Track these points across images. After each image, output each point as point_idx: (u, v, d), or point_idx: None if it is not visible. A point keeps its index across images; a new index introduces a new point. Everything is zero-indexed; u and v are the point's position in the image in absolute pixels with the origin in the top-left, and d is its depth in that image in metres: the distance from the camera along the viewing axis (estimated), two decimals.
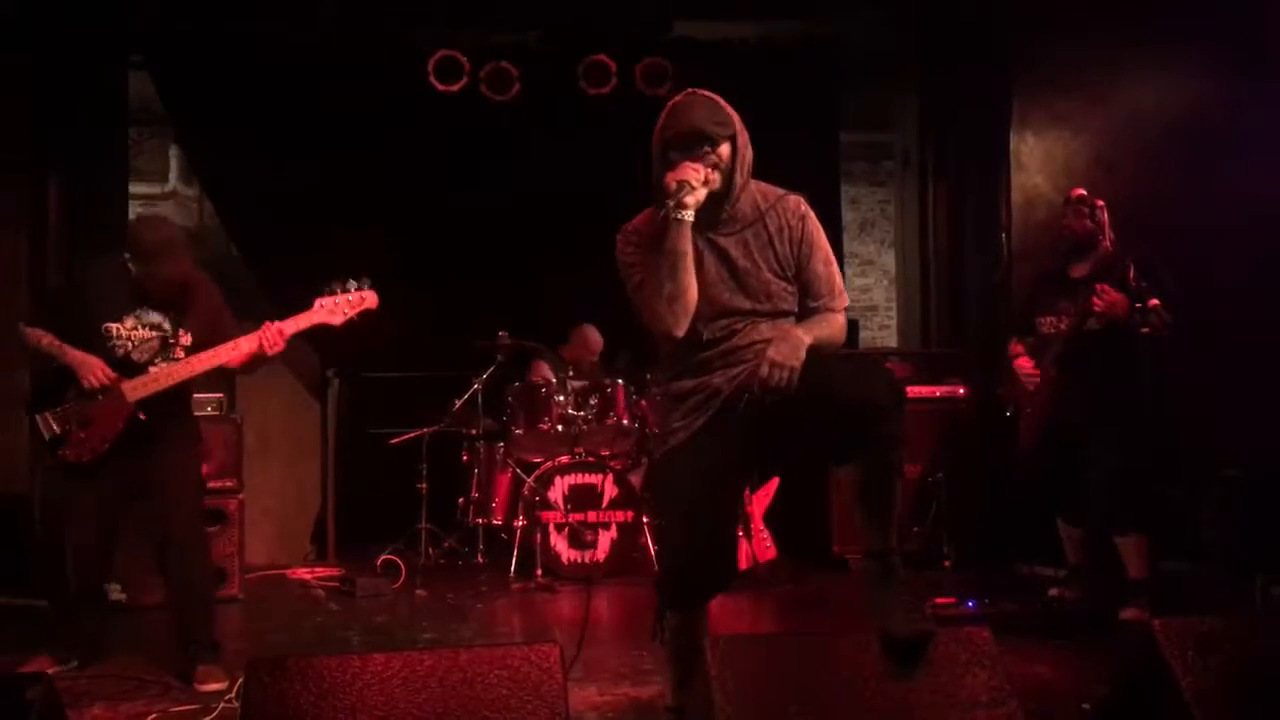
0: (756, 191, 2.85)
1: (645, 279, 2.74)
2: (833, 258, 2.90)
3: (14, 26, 5.71)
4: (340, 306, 3.97)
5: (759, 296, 2.80)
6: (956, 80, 6.74)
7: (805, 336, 2.70)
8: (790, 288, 2.83)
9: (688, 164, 2.68)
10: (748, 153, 2.81)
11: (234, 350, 3.86)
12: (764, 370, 2.63)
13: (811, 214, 2.88)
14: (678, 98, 2.79)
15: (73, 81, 6.04)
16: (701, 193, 2.68)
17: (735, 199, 2.79)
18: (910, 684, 2.56)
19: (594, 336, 6.57)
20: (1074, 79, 6.07)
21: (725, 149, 2.74)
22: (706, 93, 2.79)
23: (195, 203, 7.44)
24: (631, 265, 2.82)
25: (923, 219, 7.26)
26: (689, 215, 2.66)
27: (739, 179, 2.78)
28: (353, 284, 4.00)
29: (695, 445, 2.81)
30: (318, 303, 3.96)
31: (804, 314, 2.86)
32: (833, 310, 2.85)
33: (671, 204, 2.64)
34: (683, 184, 2.65)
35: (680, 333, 2.72)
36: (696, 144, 2.70)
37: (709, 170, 2.71)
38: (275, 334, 3.86)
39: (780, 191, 2.89)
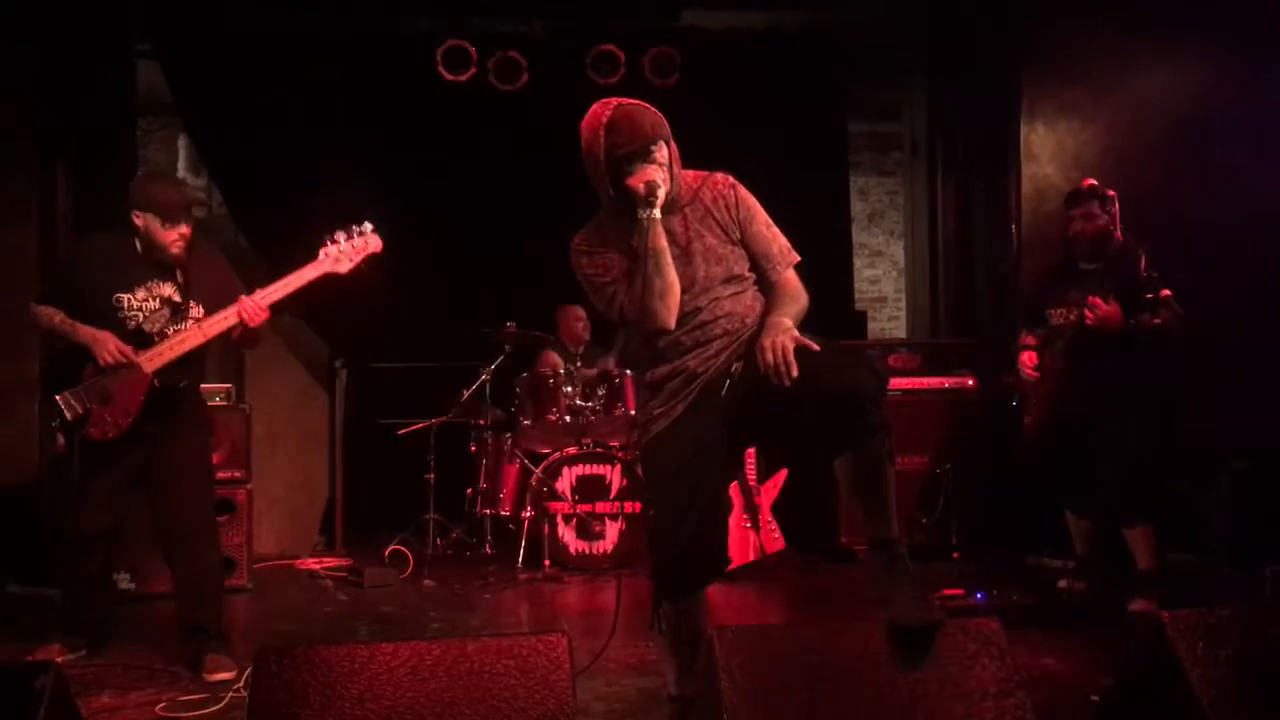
0: (685, 176, 2.99)
1: (620, 284, 2.88)
2: (770, 220, 3.03)
3: (22, 16, 5.71)
4: (346, 254, 3.94)
5: (708, 261, 2.90)
6: (966, 70, 6.71)
7: (784, 319, 2.79)
8: (737, 250, 2.95)
9: (646, 167, 2.82)
10: (674, 148, 2.94)
11: (224, 322, 3.82)
12: (767, 357, 2.64)
13: (740, 184, 3.02)
14: (609, 115, 2.85)
15: (81, 71, 6.04)
16: (664, 190, 2.82)
17: (673, 187, 2.91)
18: (918, 674, 2.56)
19: (577, 311, 6.54)
20: (1084, 69, 6.04)
21: (667, 147, 2.88)
22: (627, 100, 2.90)
23: (204, 192, 7.44)
24: (598, 274, 2.94)
25: (932, 209, 7.25)
26: (659, 212, 2.81)
27: (675, 170, 2.92)
28: (355, 230, 3.97)
29: (677, 432, 2.86)
30: (322, 252, 3.92)
31: (764, 286, 2.97)
32: (788, 272, 2.97)
33: (647, 206, 2.79)
34: (651, 184, 2.79)
35: (673, 324, 2.85)
36: (651, 149, 2.83)
37: (663, 170, 2.85)
38: (253, 306, 3.81)
39: (705, 172, 3.03)
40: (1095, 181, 4.70)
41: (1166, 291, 4.35)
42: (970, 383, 6.13)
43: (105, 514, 3.95)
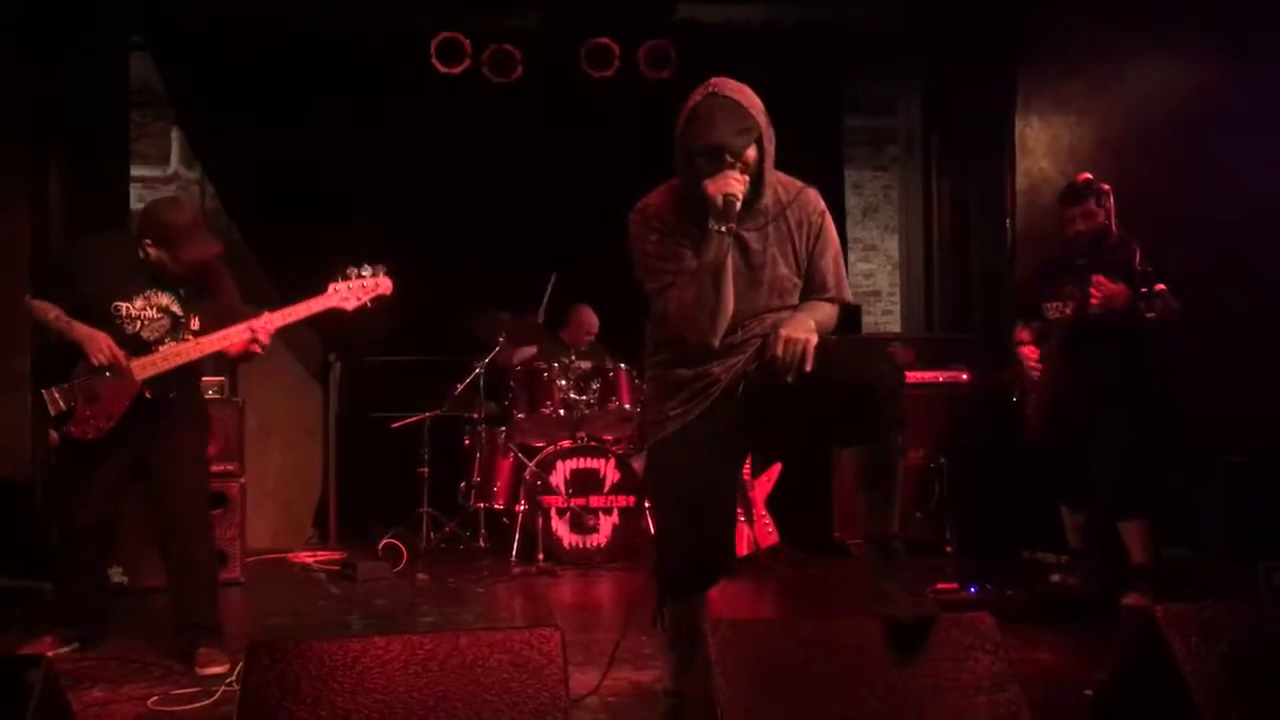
0: (776, 182, 2.80)
1: (678, 283, 2.71)
2: (841, 256, 2.91)
3: (15, 8, 5.68)
4: (354, 292, 3.94)
5: (773, 292, 2.79)
6: (961, 64, 6.71)
7: (809, 318, 2.72)
8: (799, 283, 2.84)
9: (730, 175, 2.61)
10: (772, 146, 2.74)
11: (243, 332, 3.83)
12: (779, 348, 2.61)
13: (828, 211, 2.88)
14: (699, 98, 2.67)
15: (74, 63, 6.01)
16: (740, 205, 2.64)
17: (761, 194, 2.74)
18: (911, 669, 2.56)
19: (589, 317, 6.54)
20: (1079, 63, 6.04)
21: (751, 152, 2.67)
22: (729, 91, 2.67)
23: (196, 186, 7.40)
24: (660, 258, 2.74)
25: (926, 204, 7.24)
26: (734, 224, 2.63)
27: (766, 175, 2.73)
28: (368, 269, 3.96)
29: (691, 432, 2.81)
30: (331, 287, 3.93)
31: (801, 300, 2.86)
32: (834, 302, 2.87)
33: (720, 220, 2.60)
34: (729, 199, 2.60)
35: (718, 342, 2.72)
36: (720, 157, 2.63)
37: (744, 182, 2.65)
38: (265, 327, 3.83)
39: (799, 184, 2.86)
40: (1090, 176, 4.69)
41: (1161, 286, 4.36)
42: (965, 377, 6.13)
43: (99, 508, 3.94)
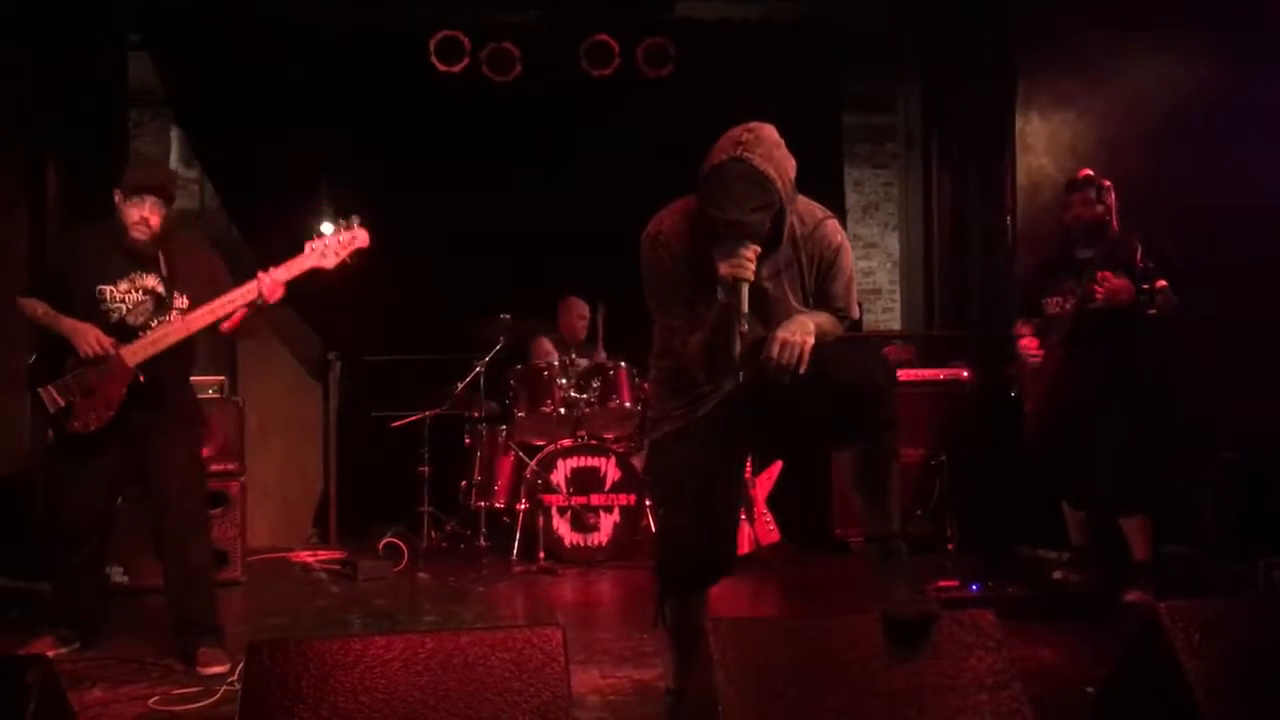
0: (794, 215, 2.75)
1: (684, 328, 2.71)
2: (854, 280, 2.88)
3: (14, 6, 5.68)
4: (331, 248, 3.90)
5: (780, 321, 2.76)
6: (960, 61, 6.70)
7: (810, 321, 2.70)
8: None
9: (744, 254, 2.55)
10: (793, 201, 2.69)
11: (230, 304, 3.80)
12: (774, 349, 2.61)
13: (846, 242, 2.84)
14: (725, 157, 2.56)
15: (73, 62, 6.01)
16: (748, 285, 2.57)
17: (779, 244, 2.71)
18: (913, 667, 2.55)
19: (579, 304, 6.52)
20: (1079, 60, 6.03)
21: (772, 217, 2.62)
22: (757, 160, 2.56)
23: (196, 185, 7.41)
24: (667, 295, 2.74)
25: (926, 201, 7.22)
26: (743, 309, 2.58)
27: (786, 222, 2.69)
28: (342, 223, 3.94)
29: (693, 432, 2.81)
30: (308, 246, 3.88)
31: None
32: (843, 319, 2.85)
33: (728, 295, 2.57)
34: (739, 282, 2.55)
35: (721, 380, 2.76)
36: (735, 231, 2.56)
37: (757, 250, 2.59)
38: (272, 282, 3.81)
39: (818, 215, 2.82)
40: (1091, 171, 4.70)
41: (1162, 282, 4.35)
42: (965, 374, 6.13)
43: (95, 506, 3.94)
